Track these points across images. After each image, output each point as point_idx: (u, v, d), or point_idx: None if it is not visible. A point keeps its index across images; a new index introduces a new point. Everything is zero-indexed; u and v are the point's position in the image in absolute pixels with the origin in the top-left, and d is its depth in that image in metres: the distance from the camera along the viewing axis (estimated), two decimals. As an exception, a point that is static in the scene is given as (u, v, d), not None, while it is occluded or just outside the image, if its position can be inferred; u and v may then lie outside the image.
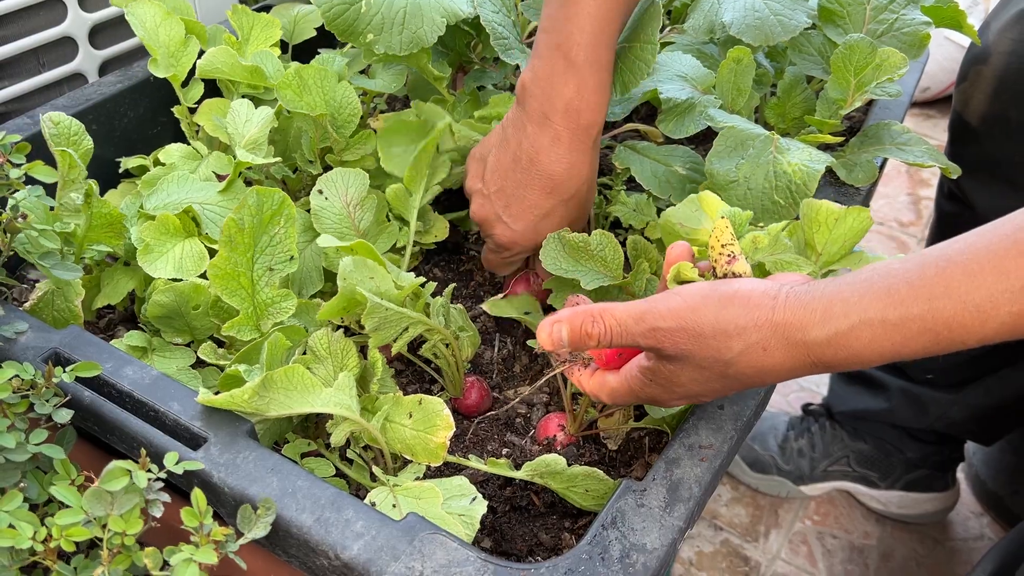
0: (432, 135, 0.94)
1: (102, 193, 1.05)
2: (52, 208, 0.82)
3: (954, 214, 1.35)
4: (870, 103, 1.21)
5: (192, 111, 1.09)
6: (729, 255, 0.68)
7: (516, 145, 0.89)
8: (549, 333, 0.68)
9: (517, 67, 0.99)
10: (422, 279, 0.81)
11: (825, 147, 1.06)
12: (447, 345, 0.86)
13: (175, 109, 1.08)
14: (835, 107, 1.02)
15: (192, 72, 1.07)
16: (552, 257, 0.87)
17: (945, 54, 2.49)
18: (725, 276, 0.68)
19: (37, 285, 0.86)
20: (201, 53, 1.04)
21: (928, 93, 2.63)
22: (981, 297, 0.57)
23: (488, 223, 0.94)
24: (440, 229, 1.02)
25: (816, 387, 1.83)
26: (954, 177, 1.02)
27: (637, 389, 0.70)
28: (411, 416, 0.76)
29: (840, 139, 1.03)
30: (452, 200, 1.13)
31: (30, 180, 0.79)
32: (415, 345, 0.89)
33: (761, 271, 0.77)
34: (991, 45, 1.18)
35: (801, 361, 0.62)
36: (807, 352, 0.61)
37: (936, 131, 2.60)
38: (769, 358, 0.62)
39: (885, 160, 1.06)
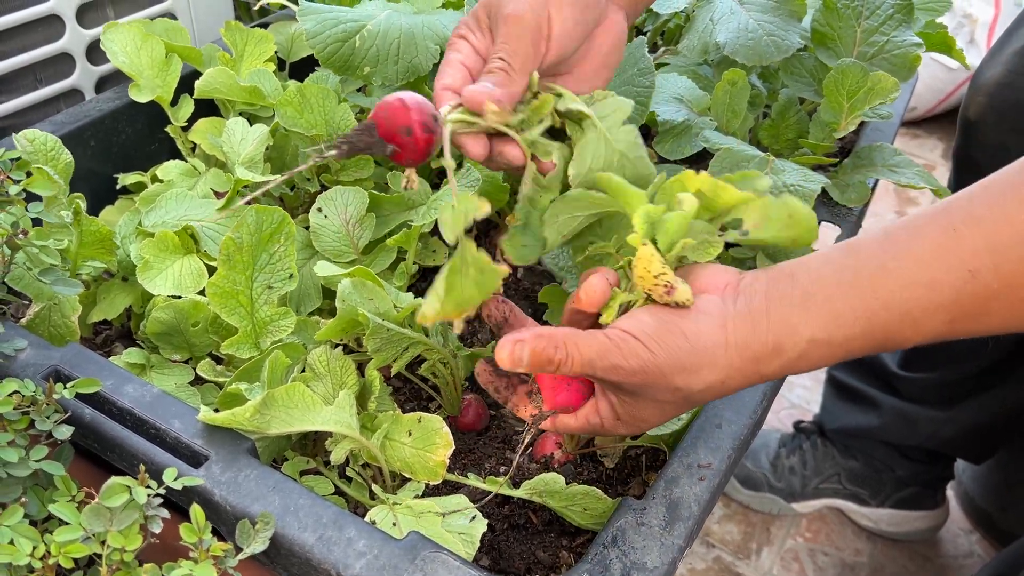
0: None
1: (99, 209, 1.05)
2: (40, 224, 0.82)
3: None
4: (861, 124, 1.22)
5: (186, 129, 1.09)
6: (666, 285, 0.64)
7: None
8: (510, 352, 0.64)
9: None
10: (421, 300, 0.81)
11: (818, 168, 1.07)
12: (445, 364, 0.87)
13: (168, 128, 1.09)
14: (828, 129, 1.04)
15: (181, 90, 1.08)
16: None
17: (932, 74, 2.53)
18: (667, 306, 0.65)
19: (34, 300, 0.86)
20: (195, 73, 1.05)
21: (916, 113, 2.66)
22: (917, 311, 0.59)
23: None
24: (440, 255, 1.03)
25: (807, 404, 1.84)
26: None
27: (599, 425, 0.70)
28: (410, 434, 0.76)
29: (833, 160, 1.04)
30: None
31: (31, 197, 0.79)
32: (413, 363, 0.89)
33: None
34: (988, 77, 1.20)
35: (754, 383, 0.65)
36: (760, 377, 0.64)
37: (923, 150, 2.63)
38: (726, 389, 0.65)
39: (877, 181, 1.07)
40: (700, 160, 1.23)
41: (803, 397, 1.85)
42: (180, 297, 0.85)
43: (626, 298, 0.68)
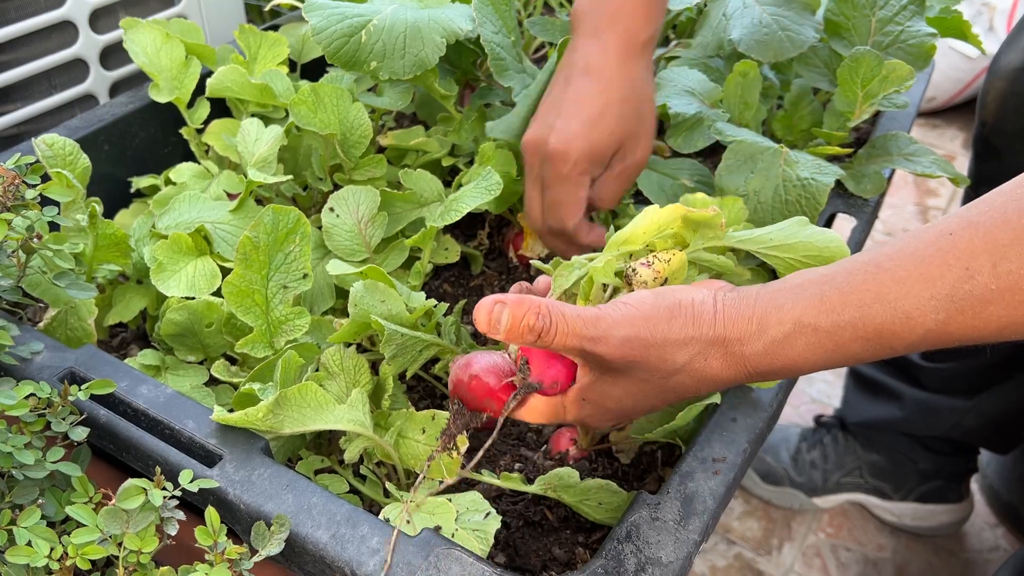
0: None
1: (114, 212, 1.06)
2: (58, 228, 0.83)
3: None
4: (877, 114, 1.21)
5: (200, 131, 1.10)
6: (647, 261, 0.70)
7: (567, 68, 0.92)
8: (489, 312, 0.61)
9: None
10: (433, 301, 0.81)
11: (833, 158, 1.06)
12: (459, 360, 0.87)
13: (183, 130, 1.09)
14: (842, 119, 1.03)
15: (197, 92, 1.08)
16: None
17: (950, 64, 2.50)
18: (627, 274, 0.71)
19: (50, 305, 0.87)
20: (208, 74, 1.05)
21: (934, 103, 2.63)
22: (909, 304, 0.58)
23: (540, 142, 0.91)
24: (453, 253, 1.03)
25: (828, 399, 1.82)
26: (962, 187, 1.02)
27: (566, 411, 0.70)
28: (424, 431, 0.76)
29: (848, 150, 1.03)
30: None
31: (48, 200, 0.80)
32: (427, 362, 0.89)
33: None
34: (1007, 63, 1.19)
35: (738, 371, 0.64)
36: (744, 363, 0.63)
37: (943, 140, 2.60)
38: (708, 368, 0.64)
39: (893, 171, 1.06)
40: (714, 153, 1.22)
41: (824, 392, 1.84)
42: (194, 298, 0.85)
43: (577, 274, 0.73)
